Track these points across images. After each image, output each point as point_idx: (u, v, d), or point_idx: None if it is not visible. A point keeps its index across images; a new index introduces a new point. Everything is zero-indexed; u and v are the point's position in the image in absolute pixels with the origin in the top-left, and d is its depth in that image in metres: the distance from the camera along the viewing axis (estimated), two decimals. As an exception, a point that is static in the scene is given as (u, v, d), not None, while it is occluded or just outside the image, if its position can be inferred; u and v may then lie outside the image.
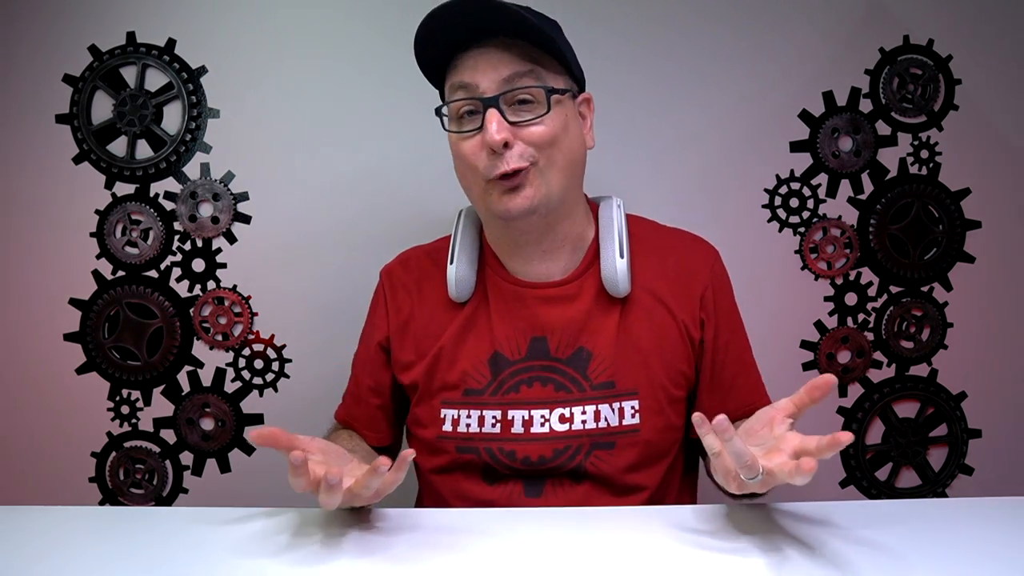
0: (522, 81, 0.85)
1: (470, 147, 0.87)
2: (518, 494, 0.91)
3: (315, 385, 1.40)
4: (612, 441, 0.91)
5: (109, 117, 1.39)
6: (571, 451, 0.90)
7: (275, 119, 1.40)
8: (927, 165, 1.42)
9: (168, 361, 1.41)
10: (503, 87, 0.85)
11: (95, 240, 1.40)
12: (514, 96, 0.85)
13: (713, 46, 1.40)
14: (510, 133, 0.85)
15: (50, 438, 1.41)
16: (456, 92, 0.88)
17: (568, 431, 0.90)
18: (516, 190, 0.86)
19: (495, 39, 0.86)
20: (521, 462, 0.91)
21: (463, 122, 0.89)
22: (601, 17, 1.38)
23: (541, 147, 0.86)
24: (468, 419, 0.93)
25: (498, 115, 0.84)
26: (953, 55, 1.41)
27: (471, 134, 0.87)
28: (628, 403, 0.91)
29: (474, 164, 0.87)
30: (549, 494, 0.91)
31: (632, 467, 0.92)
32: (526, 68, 0.86)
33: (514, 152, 0.85)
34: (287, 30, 1.39)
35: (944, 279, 1.44)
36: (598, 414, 0.91)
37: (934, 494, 1.46)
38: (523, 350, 0.94)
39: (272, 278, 1.41)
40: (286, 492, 1.40)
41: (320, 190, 1.40)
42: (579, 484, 0.91)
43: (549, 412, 0.91)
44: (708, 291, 0.97)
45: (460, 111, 0.88)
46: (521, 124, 0.85)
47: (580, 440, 0.90)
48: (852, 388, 1.45)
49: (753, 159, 1.41)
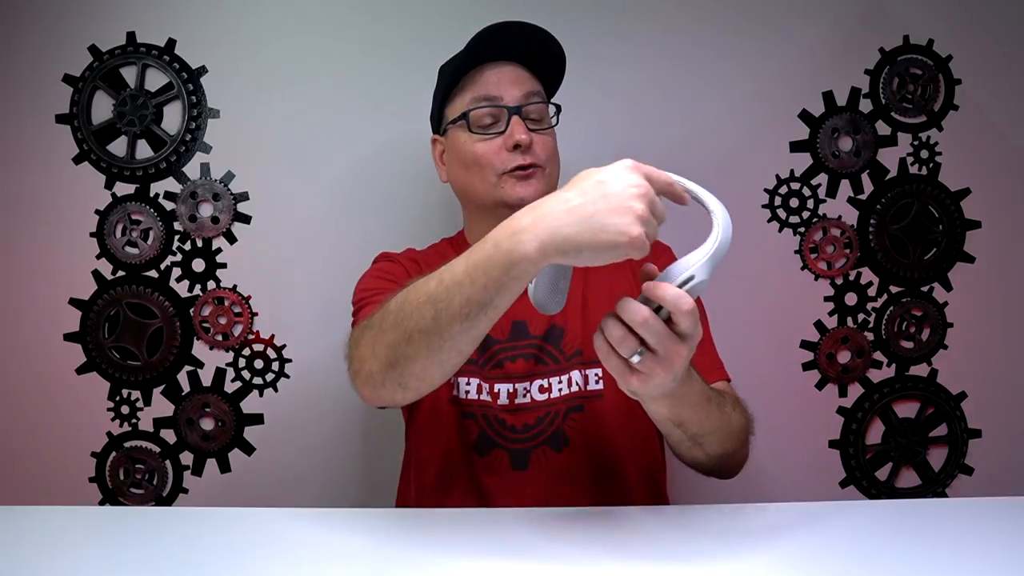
0: (535, 99, 1.02)
1: (489, 147, 1.00)
2: (505, 466, 0.98)
3: (315, 385, 1.40)
4: (580, 404, 0.99)
5: (109, 117, 1.39)
6: (550, 417, 0.99)
7: (275, 119, 1.40)
8: (927, 165, 1.42)
9: (168, 361, 1.41)
10: (522, 101, 1.01)
11: (95, 240, 1.40)
12: (529, 111, 1.01)
13: (713, 46, 1.40)
14: (531, 137, 0.99)
15: (50, 438, 1.41)
16: (480, 102, 1.01)
17: (547, 399, 0.99)
18: (528, 179, 0.99)
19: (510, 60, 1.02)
20: (509, 429, 0.99)
21: (484, 128, 1.01)
22: (601, 18, 1.38)
23: (549, 156, 1.02)
24: (467, 386, 1.00)
25: (521, 121, 0.99)
26: (953, 55, 1.41)
27: (491, 136, 1.00)
28: (592, 371, 1.00)
29: (490, 162, 1.00)
30: (533, 465, 0.98)
31: (605, 431, 0.98)
32: (537, 88, 1.04)
33: (532, 152, 0.99)
34: (287, 30, 1.39)
35: (944, 279, 1.44)
36: (570, 381, 1.00)
37: (934, 494, 1.46)
38: (506, 332, 1.02)
39: (272, 278, 1.41)
40: (286, 492, 1.41)
41: (320, 190, 1.40)
42: (560, 453, 0.98)
43: (530, 384, 1.00)
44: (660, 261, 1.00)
45: (482, 119, 1.01)
46: (535, 131, 1.01)
47: (557, 406, 0.99)
48: (852, 388, 1.44)
49: (753, 159, 1.41)
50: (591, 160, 1.00)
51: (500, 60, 1.02)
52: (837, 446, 1.45)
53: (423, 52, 1.38)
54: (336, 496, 1.39)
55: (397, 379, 0.77)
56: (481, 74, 1.02)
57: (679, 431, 0.80)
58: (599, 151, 1.11)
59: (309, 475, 1.39)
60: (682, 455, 0.88)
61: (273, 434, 1.42)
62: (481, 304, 0.70)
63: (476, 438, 0.99)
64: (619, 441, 1.00)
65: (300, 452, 1.39)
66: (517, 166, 0.99)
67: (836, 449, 1.45)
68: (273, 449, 1.42)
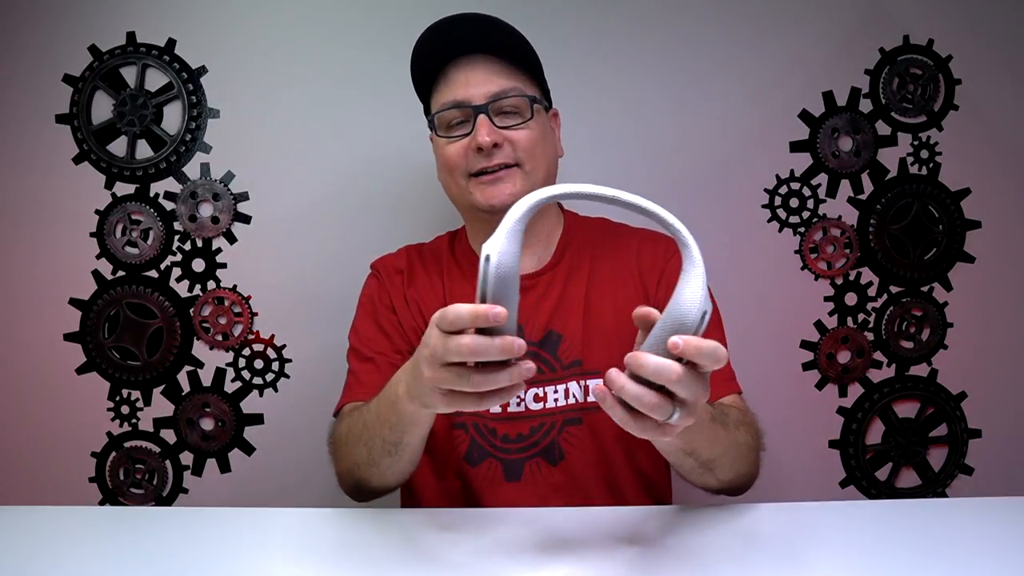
0: (510, 94, 0.95)
1: (456, 149, 0.96)
2: (499, 478, 0.96)
3: (315, 385, 1.40)
4: (578, 417, 0.96)
5: (109, 117, 1.39)
6: (545, 428, 0.96)
7: (275, 119, 1.40)
8: (927, 165, 1.42)
9: (168, 361, 1.41)
10: (488, 99, 0.94)
11: (95, 240, 1.40)
12: (501, 106, 0.95)
13: (713, 47, 1.40)
14: (499, 136, 0.94)
15: (50, 438, 1.41)
16: (446, 106, 0.97)
17: (542, 409, 0.96)
18: (496, 183, 0.95)
19: (482, 53, 0.95)
20: (501, 439, 0.96)
21: (452, 129, 0.97)
22: (601, 18, 1.38)
23: (527, 150, 0.95)
24: None
25: (487, 120, 0.93)
26: (953, 55, 1.41)
27: (459, 139, 0.96)
28: (593, 381, 0.95)
29: (457, 164, 0.96)
30: (527, 478, 0.96)
31: (604, 445, 0.95)
32: (510, 84, 0.95)
33: (501, 152, 0.94)
34: (287, 30, 1.39)
35: (944, 279, 1.44)
36: (567, 392, 0.96)
37: (934, 494, 1.46)
38: None
39: (272, 278, 1.41)
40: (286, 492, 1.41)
41: (320, 190, 1.40)
42: (555, 466, 0.96)
43: (524, 392, 0.95)
44: (668, 267, 1.01)
45: (451, 121, 0.97)
46: (508, 128, 0.95)
47: (553, 418, 0.96)
48: (852, 388, 1.44)
49: (753, 159, 1.41)
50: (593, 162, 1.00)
51: (472, 53, 0.96)
52: (837, 446, 1.45)
53: (423, 52, 1.39)
54: (336, 496, 1.38)
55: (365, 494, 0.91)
56: (450, 72, 0.97)
57: (690, 460, 0.77)
58: (600, 153, 1.12)
59: (309, 475, 1.39)
60: (693, 482, 0.85)
61: (273, 434, 1.42)
62: (395, 443, 0.78)
63: (467, 449, 0.97)
64: (619, 455, 0.97)
65: (300, 452, 1.39)
66: (480, 169, 0.94)
67: (836, 449, 1.45)
68: (273, 449, 1.42)
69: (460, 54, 0.96)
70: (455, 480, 0.98)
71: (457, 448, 0.97)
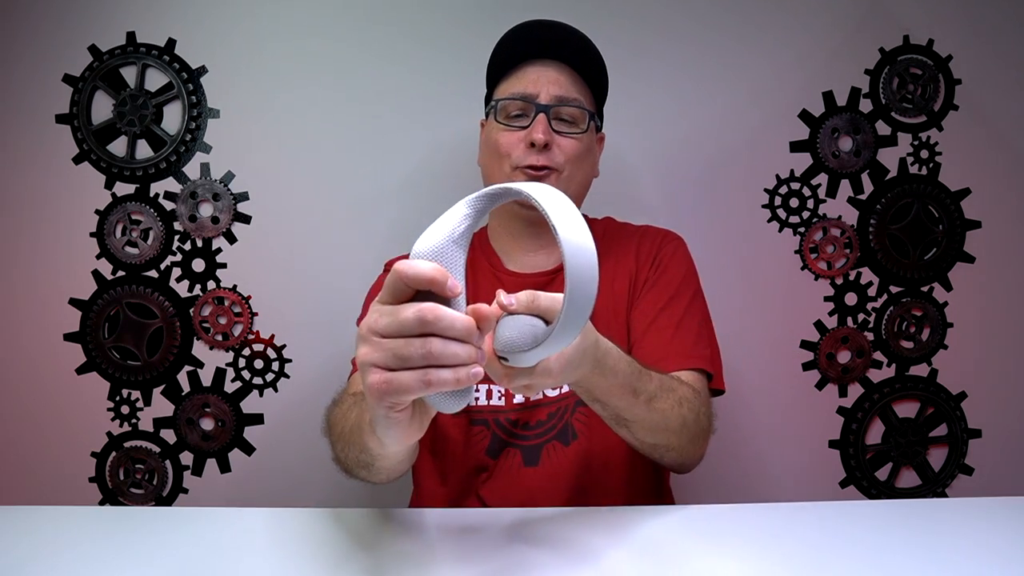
0: (572, 103, 1.01)
1: (509, 138, 1.01)
2: (517, 465, 0.99)
3: (315, 385, 1.40)
4: None
5: (109, 117, 1.39)
6: (560, 412, 1.00)
7: (275, 119, 1.40)
8: (927, 165, 1.42)
9: (168, 361, 1.41)
10: (554, 101, 1.00)
11: (95, 240, 1.40)
12: (561, 112, 1.01)
13: (713, 47, 1.40)
14: (552, 138, 0.99)
15: (50, 438, 1.41)
16: (514, 96, 1.02)
17: (559, 394, 1.01)
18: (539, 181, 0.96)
19: (560, 60, 1.01)
20: (521, 428, 1.00)
21: (511, 120, 1.02)
22: (602, 19, 1.38)
23: (570, 159, 1.01)
24: (476, 392, 1.00)
25: (546, 120, 0.99)
26: (953, 55, 1.41)
27: (515, 129, 1.01)
28: None
29: (507, 152, 1.00)
30: (544, 460, 0.99)
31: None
32: (575, 95, 1.02)
33: (549, 153, 0.99)
34: (287, 30, 1.39)
35: (944, 279, 1.44)
36: None
37: (934, 494, 1.46)
38: None
39: (272, 278, 1.41)
40: (286, 492, 1.41)
41: (320, 190, 1.40)
42: (568, 446, 0.99)
43: None
44: (661, 252, 1.06)
45: (512, 111, 1.02)
46: (561, 134, 1.01)
47: (567, 401, 1.00)
48: (852, 388, 1.45)
49: (753, 159, 1.41)
50: (591, 160, 1.01)
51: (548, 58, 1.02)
52: (837, 446, 1.45)
53: (424, 52, 1.39)
54: (336, 496, 1.39)
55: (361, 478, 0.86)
56: (525, 68, 1.02)
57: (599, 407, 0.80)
58: (603, 152, 1.12)
59: (309, 475, 1.39)
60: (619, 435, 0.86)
61: (273, 434, 1.42)
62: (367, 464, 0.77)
63: (489, 444, 1.00)
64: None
65: (300, 452, 1.39)
66: (530, 164, 0.99)
67: (836, 449, 1.45)
68: (273, 449, 1.42)
69: (540, 55, 1.02)
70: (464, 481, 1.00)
71: (479, 444, 1.00)
